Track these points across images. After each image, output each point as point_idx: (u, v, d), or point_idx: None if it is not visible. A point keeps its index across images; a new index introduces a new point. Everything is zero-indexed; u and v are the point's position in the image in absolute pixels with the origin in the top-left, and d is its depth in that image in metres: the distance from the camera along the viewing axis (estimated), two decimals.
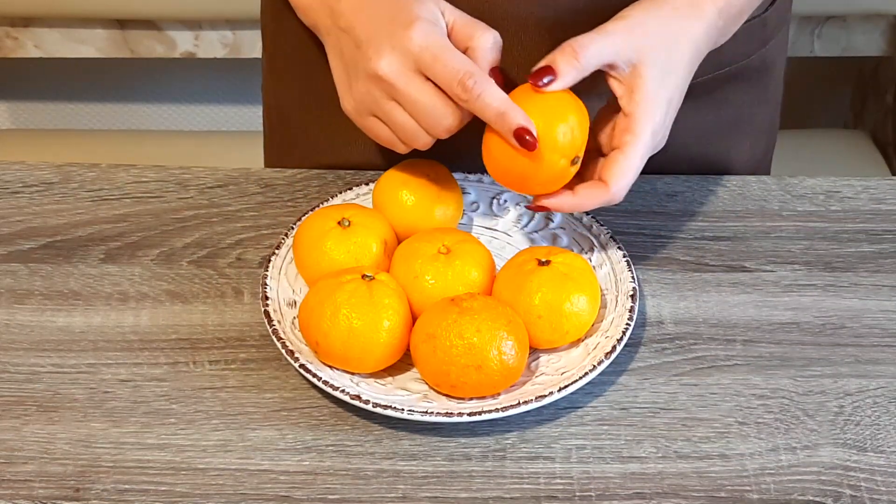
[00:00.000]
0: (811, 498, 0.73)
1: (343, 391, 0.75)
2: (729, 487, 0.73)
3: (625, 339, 0.79)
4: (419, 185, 0.86)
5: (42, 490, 0.72)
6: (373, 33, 0.77)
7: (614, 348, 0.78)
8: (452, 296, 0.77)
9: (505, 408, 0.74)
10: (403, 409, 0.74)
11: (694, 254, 0.89)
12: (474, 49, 0.78)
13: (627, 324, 0.79)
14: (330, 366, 0.77)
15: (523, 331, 0.76)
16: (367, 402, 0.74)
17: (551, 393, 0.75)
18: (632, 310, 0.80)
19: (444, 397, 0.76)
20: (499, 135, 0.76)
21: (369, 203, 0.89)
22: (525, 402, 0.74)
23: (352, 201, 0.90)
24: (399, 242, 0.84)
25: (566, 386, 0.75)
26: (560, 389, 0.75)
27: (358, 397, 0.75)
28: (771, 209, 0.94)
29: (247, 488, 0.73)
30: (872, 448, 0.76)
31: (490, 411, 0.74)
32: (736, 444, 0.76)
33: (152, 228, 0.91)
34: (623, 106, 0.79)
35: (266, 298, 0.81)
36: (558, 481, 0.74)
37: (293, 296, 0.83)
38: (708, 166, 0.98)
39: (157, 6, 1.55)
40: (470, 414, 0.74)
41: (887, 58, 1.69)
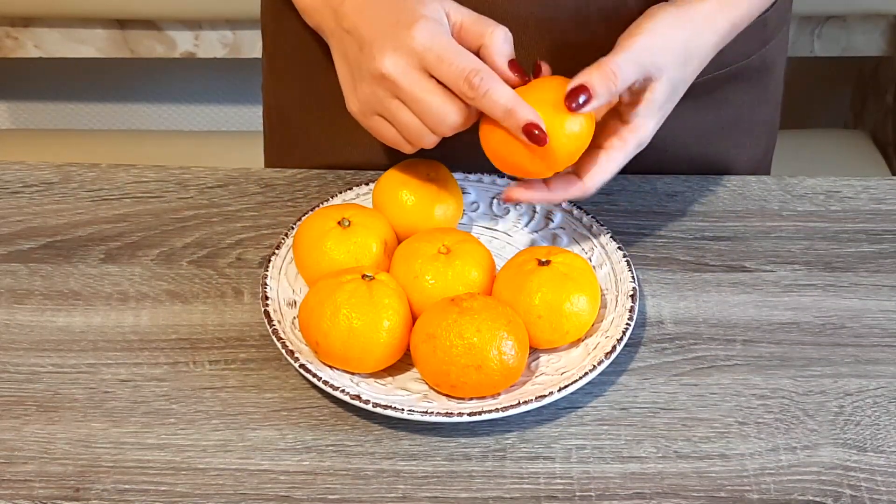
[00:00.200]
0: (811, 498, 0.73)
1: (343, 391, 0.75)
2: (729, 487, 0.73)
3: (625, 339, 0.79)
4: (419, 185, 0.86)
5: (42, 490, 0.72)
6: (376, 34, 0.77)
7: (614, 348, 0.78)
8: (452, 296, 0.77)
9: (505, 408, 0.74)
10: (403, 409, 0.74)
11: (694, 254, 0.89)
12: (488, 46, 0.77)
13: (627, 324, 0.79)
14: (330, 366, 0.77)
15: (523, 331, 0.76)
16: (367, 402, 0.74)
17: (551, 393, 0.75)
18: (632, 310, 0.80)
19: (444, 397, 0.76)
20: (507, 131, 0.76)
21: (369, 203, 0.89)
22: (525, 402, 0.74)
23: (352, 201, 0.90)
24: (399, 242, 0.84)
25: (566, 386, 0.75)
26: (560, 389, 0.75)
27: (358, 397, 0.75)
28: (771, 209, 0.94)
29: (247, 488, 0.73)
30: (872, 448, 0.76)
31: (490, 411, 0.74)
32: (736, 444, 0.76)
33: (152, 228, 0.91)
34: (623, 112, 0.79)
35: (266, 298, 0.81)
36: (558, 481, 0.74)
37: (293, 296, 0.83)
38: (708, 166, 0.98)
39: (157, 6, 1.55)
40: (470, 414, 0.74)
41: (887, 58, 1.69)
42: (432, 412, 0.74)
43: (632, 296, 0.81)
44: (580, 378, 0.76)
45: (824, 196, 0.95)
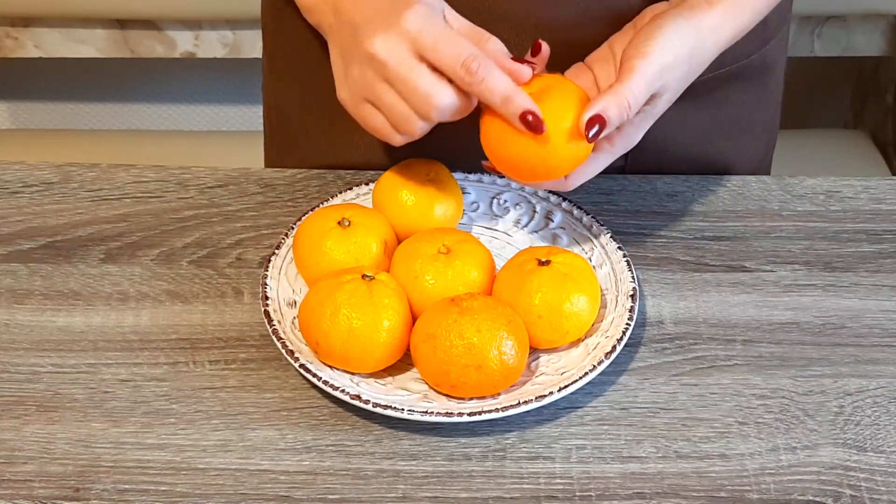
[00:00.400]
0: (811, 498, 0.73)
1: (343, 391, 0.75)
2: (729, 487, 0.73)
3: (625, 339, 0.79)
4: (419, 185, 0.86)
5: (42, 490, 0.72)
6: (370, 19, 0.76)
7: (614, 348, 0.78)
8: (452, 296, 0.77)
9: (505, 408, 0.74)
10: (403, 409, 0.74)
11: (694, 254, 0.89)
12: (486, 49, 0.77)
13: (627, 324, 0.79)
14: (330, 366, 0.77)
15: (523, 331, 0.76)
16: (367, 402, 0.74)
17: (551, 393, 0.75)
18: (632, 310, 0.80)
19: (444, 397, 0.76)
20: (503, 119, 0.75)
21: (369, 203, 0.89)
22: (525, 402, 0.74)
23: (352, 201, 0.90)
24: (399, 242, 0.84)
25: (566, 386, 0.75)
26: (560, 389, 0.75)
27: (358, 397, 0.75)
28: (771, 209, 0.94)
29: (247, 488, 0.73)
30: (872, 448, 0.76)
31: (490, 411, 0.74)
32: (736, 444, 0.76)
33: (152, 228, 0.91)
34: None
35: (266, 298, 0.81)
36: (558, 481, 0.74)
37: (293, 296, 0.83)
38: (708, 166, 0.98)
39: (157, 6, 1.55)
40: (470, 414, 0.74)
41: (887, 58, 1.69)
42: (432, 412, 0.74)
43: (632, 296, 0.81)
44: (580, 378, 0.76)
45: (824, 196, 0.95)
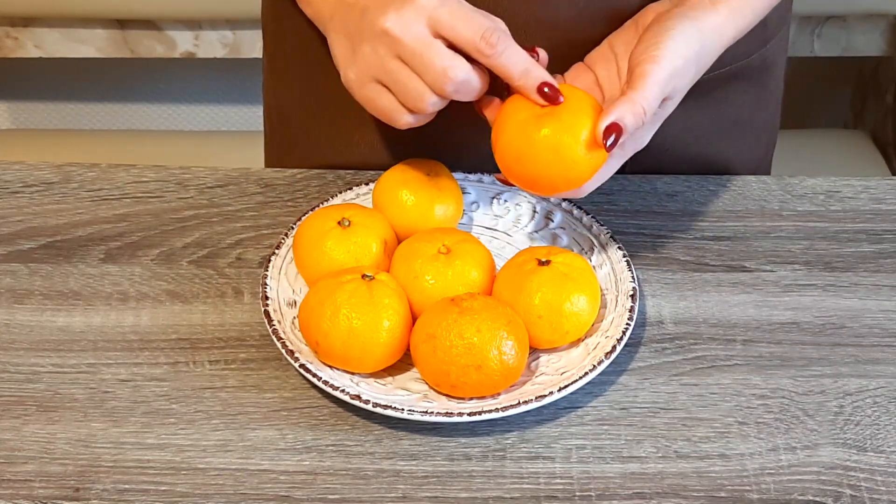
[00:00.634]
0: (811, 498, 0.73)
1: (343, 391, 0.75)
2: (729, 487, 0.73)
3: (625, 339, 0.79)
4: (419, 185, 0.86)
5: (42, 490, 0.72)
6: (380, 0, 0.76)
7: (614, 348, 0.78)
8: (452, 296, 0.77)
9: (505, 408, 0.74)
10: (403, 409, 0.74)
11: (694, 254, 0.89)
12: None
13: (627, 324, 0.79)
14: (330, 366, 0.77)
15: (523, 331, 0.76)
16: (367, 402, 0.74)
17: (551, 393, 0.75)
18: (632, 310, 0.80)
19: (444, 397, 0.76)
20: (520, 131, 0.75)
21: (369, 203, 0.89)
22: (525, 402, 0.74)
23: (352, 201, 0.90)
24: (399, 242, 0.84)
25: (566, 386, 0.75)
26: (560, 389, 0.75)
27: (358, 397, 0.75)
28: (771, 209, 0.94)
29: (247, 488, 0.73)
30: (872, 448, 0.76)
31: (490, 411, 0.74)
32: (736, 444, 0.76)
33: (152, 228, 0.91)
34: None
35: (266, 298, 0.81)
36: (558, 481, 0.74)
37: (293, 296, 0.83)
38: (708, 166, 0.98)
39: (157, 6, 1.55)
40: (470, 414, 0.74)
41: (887, 58, 1.69)
42: (432, 412, 0.74)
43: (632, 296, 0.81)
44: (580, 378, 0.76)
45: (824, 196, 0.95)
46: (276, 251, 0.85)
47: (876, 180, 0.97)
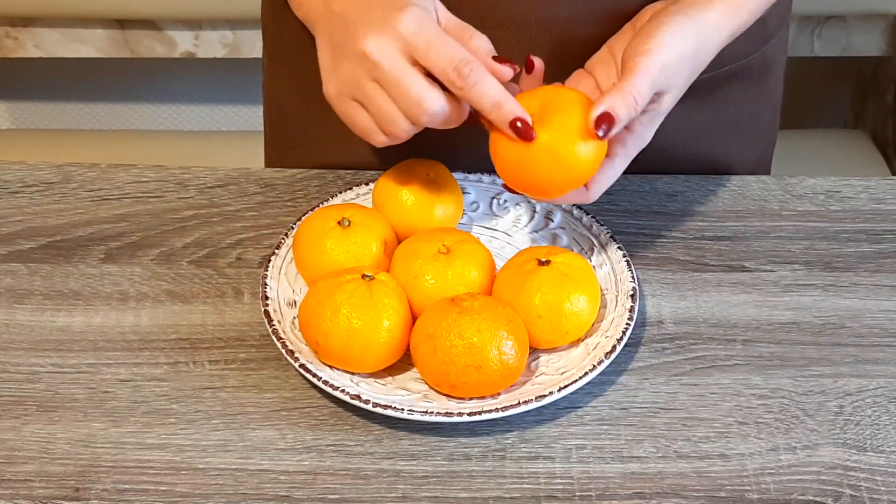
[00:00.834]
0: (811, 498, 0.73)
1: (343, 391, 0.75)
2: (729, 487, 0.73)
3: (625, 339, 0.79)
4: (419, 185, 0.86)
5: (42, 490, 0.72)
6: (364, 16, 0.76)
7: (614, 348, 0.78)
8: (452, 296, 0.77)
9: (505, 408, 0.74)
10: (403, 409, 0.74)
11: (694, 254, 0.89)
12: (470, 46, 0.77)
13: (627, 324, 0.79)
14: (330, 366, 0.77)
15: (523, 331, 0.76)
16: (367, 402, 0.74)
17: (551, 393, 0.75)
18: (632, 310, 0.80)
19: (444, 397, 0.76)
20: (517, 145, 0.75)
21: (369, 203, 0.89)
22: (525, 402, 0.74)
23: (352, 201, 0.90)
24: (399, 242, 0.84)
25: (566, 386, 0.75)
26: (560, 389, 0.75)
27: (358, 397, 0.75)
28: (771, 209, 0.94)
29: (247, 488, 0.73)
30: (872, 448, 0.76)
31: (490, 411, 0.74)
32: (736, 444, 0.76)
33: (152, 228, 0.91)
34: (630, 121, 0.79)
35: (266, 298, 0.81)
36: (558, 481, 0.74)
37: (293, 296, 0.83)
38: (708, 166, 0.98)
39: (157, 6, 1.55)
40: (470, 414, 0.74)
41: (887, 58, 1.69)
42: (432, 412, 0.74)
43: (632, 296, 0.81)
44: (580, 378, 0.76)
45: (824, 196, 0.95)
46: (276, 251, 0.85)
47: (876, 180, 0.97)
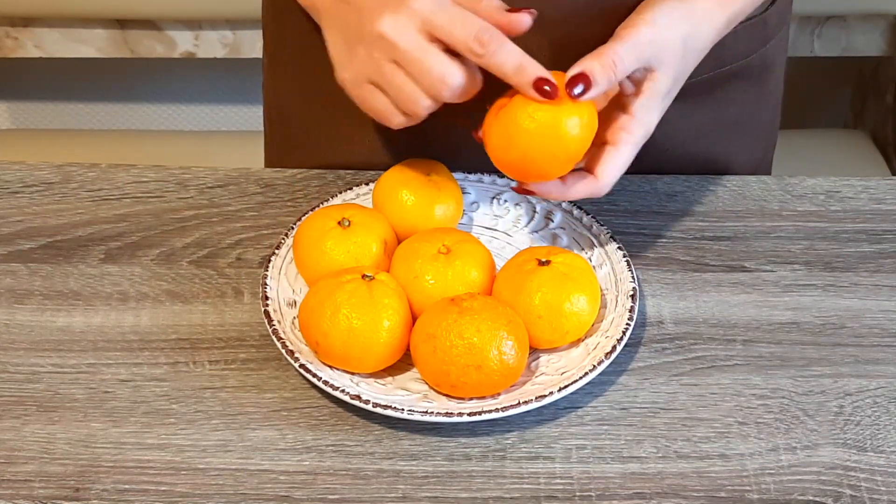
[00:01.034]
0: (811, 498, 0.73)
1: (343, 391, 0.75)
2: (729, 487, 0.73)
3: (625, 339, 0.79)
4: (419, 185, 0.86)
5: (42, 490, 0.72)
6: (376, 1, 0.76)
7: (614, 348, 0.78)
8: (452, 296, 0.77)
9: (505, 408, 0.74)
10: (403, 409, 0.74)
11: (694, 254, 0.89)
12: (482, 7, 0.77)
13: (627, 324, 0.79)
14: (330, 366, 0.77)
15: (523, 331, 0.76)
16: (367, 402, 0.74)
17: (551, 393, 0.75)
18: (632, 310, 0.80)
19: (444, 397, 0.76)
20: (506, 122, 0.75)
21: (369, 203, 0.89)
22: (525, 402, 0.74)
23: (352, 201, 0.90)
24: (399, 242, 0.84)
25: (566, 386, 0.75)
26: (560, 389, 0.75)
27: (358, 397, 0.75)
28: (771, 209, 0.94)
29: (247, 488, 0.73)
30: (872, 448, 0.76)
31: (490, 411, 0.74)
32: (736, 444, 0.76)
33: (152, 228, 0.91)
34: (626, 104, 0.79)
35: (266, 298, 0.81)
36: (558, 481, 0.74)
37: (293, 296, 0.83)
38: (708, 166, 0.98)
39: (157, 6, 1.55)
40: (470, 414, 0.74)
41: (887, 58, 1.69)
42: (432, 412, 0.74)
43: (632, 296, 0.81)
44: (580, 378, 0.76)
45: (824, 196, 0.95)
46: (276, 251, 0.85)
47: (876, 180, 0.97)
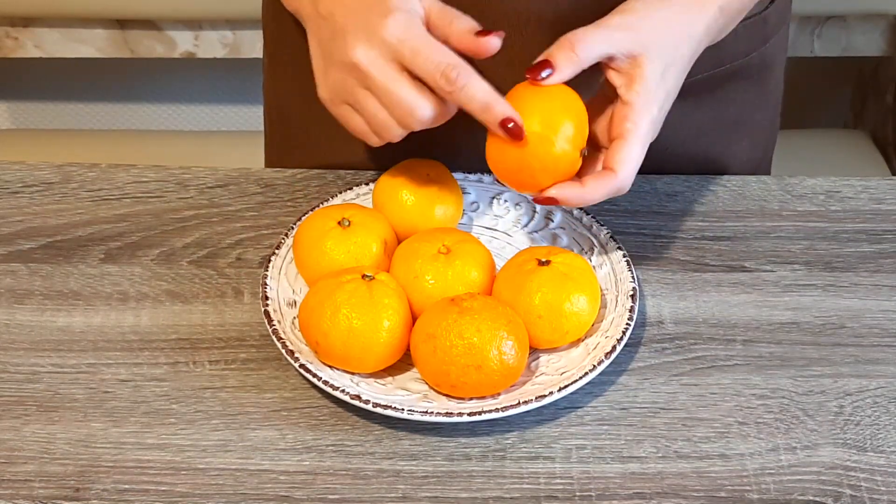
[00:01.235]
0: (811, 498, 0.73)
1: (343, 391, 0.75)
2: (729, 487, 0.73)
3: (625, 339, 0.79)
4: (419, 185, 0.86)
5: (42, 490, 0.72)
6: (350, 22, 0.76)
7: (614, 348, 0.78)
8: (452, 296, 0.77)
9: (505, 408, 0.74)
10: (403, 409, 0.74)
11: (694, 254, 0.89)
12: (453, 30, 0.77)
13: (627, 324, 0.79)
14: (330, 366, 0.77)
15: (523, 331, 0.76)
16: (367, 402, 0.74)
17: (551, 393, 0.75)
18: (632, 310, 0.80)
19: (444, 397, 0.76)
20: (498, 138, 0.76)
21: (369, 203, 0.89)
22: (525, 402, 0.74)
23: (352, 201, 0.90)
24: (399, 242, 0.84)
25: (566, 386, 0.75)
26: (560, 389, 0.75)
27: (358, 397, 0.75)
28: (771, 209, 0.94)
29: (247, 488, 0.73)
30: (872, 448, 0.76)
31: (490, 411, 0.74)
32: (736, 444, 0.76)
33: (152, 228, 0.91)
34: (622, 94, 0.78)
35: (266, 298, 0.81)
36: (558, 481, 0.74)
37: (293, 296, 0.83)
38: (708, 166, 0.98)
39: (157, 6, 1.55)
40: (470, 414, 0.74)
41: (887, 58, 1.69)
42: (432, 412, 0.74)
43: (632, 296, 0.81)
44: (580, 378, 0.76)
45: (824, 196, 0.95)
46: (276, 251, 0.85)
47: (876, 180, 0.97)
